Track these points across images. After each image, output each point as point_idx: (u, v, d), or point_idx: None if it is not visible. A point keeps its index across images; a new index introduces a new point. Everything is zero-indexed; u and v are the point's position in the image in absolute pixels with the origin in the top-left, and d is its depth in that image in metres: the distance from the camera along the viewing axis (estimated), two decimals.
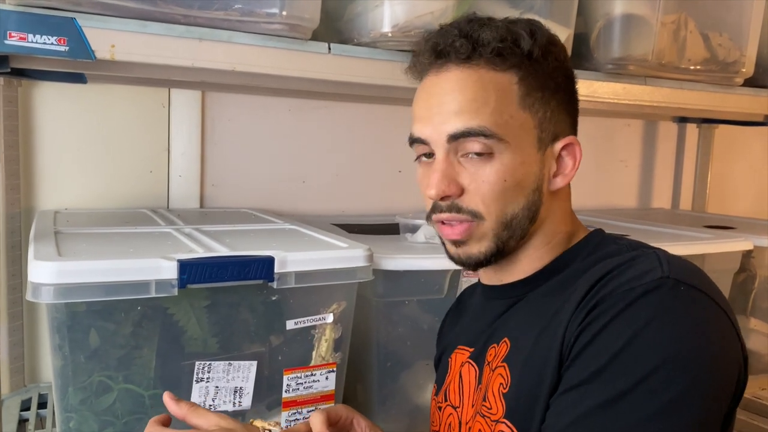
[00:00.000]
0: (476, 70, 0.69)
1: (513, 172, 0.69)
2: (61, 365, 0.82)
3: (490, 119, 0.68)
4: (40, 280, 0.77)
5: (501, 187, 0.69)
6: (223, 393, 0.90)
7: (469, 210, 0.70)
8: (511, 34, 0.69)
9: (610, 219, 1.64)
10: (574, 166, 0.73)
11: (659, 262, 0.64)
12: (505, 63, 0.69)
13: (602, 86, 1.30)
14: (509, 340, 0.72)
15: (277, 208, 1.54)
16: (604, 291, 0.62)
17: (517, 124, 0.69)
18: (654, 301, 0.60)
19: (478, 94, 0.68)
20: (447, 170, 0.70)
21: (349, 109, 1.61)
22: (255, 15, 0.96)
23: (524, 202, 0.71)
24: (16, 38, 0.81)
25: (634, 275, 0.62)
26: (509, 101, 0.69)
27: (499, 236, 0.71)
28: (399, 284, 1.06)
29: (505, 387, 0.69)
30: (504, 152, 0.69)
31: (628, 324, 0.59)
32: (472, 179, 0.70)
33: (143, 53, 0.90)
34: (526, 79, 0.69)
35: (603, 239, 0.75)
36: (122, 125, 1.39)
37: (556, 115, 0.72)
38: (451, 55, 0.70)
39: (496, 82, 0.69)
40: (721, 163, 2.17)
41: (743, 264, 1.40)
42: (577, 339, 0.62)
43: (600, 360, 0.59)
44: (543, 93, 0.70)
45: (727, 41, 1.40)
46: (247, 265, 0.87)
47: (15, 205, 1.28)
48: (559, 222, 0.75)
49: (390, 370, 1.10)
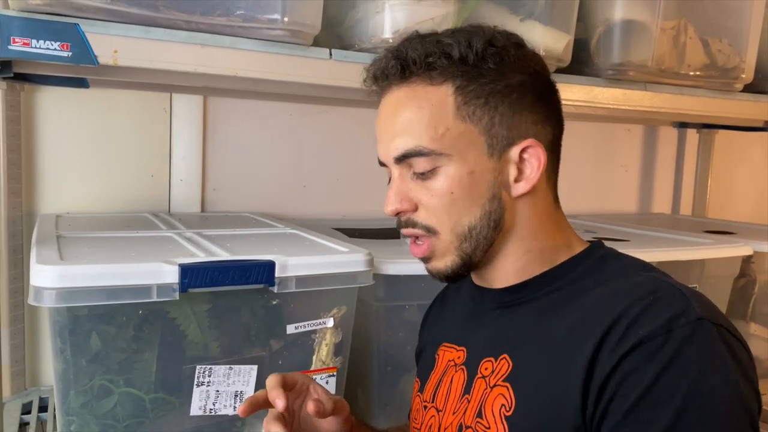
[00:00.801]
0: (413, 88, 0.70)
1: (460, 183, 0.69)
2: (63, 369, 0.82)
3: (425, 136, 0.68)
4: (42, 283, 0.77)
5: (449, 200, 0.69)
6: (224, 397, 0.90)
7: (423, 225, 0.71)
8: (441, 46, 0.69)
9: (610, 224, 1.65)
10: (538, 168, 0.70)
11: (686, 299, 0.63)
12: (440, 76, 0.69)
13: (602, 92, 1.30)
14: (510, 358, 0.70)
15: (278, 212, 1.54)
16: (639, 335, 0.60)
17: (455, 135, 0.69)
18: (700, 347, 0.59)
19: (413, 113, 0.69)
20: (400, 187, 0.73)
21: (349, 114, 1.62)
22: (257, 21, 0.96)
23: (480, 212, 0.70)
24: (19, 44, 0.82)
25: (669, 317, 0.60)
26: (445, 114, 0.68)
27: (461, 248, 0.71)
28: (399, 289, 1.06)
29: (509, 409, 0.67)
30: (447, 165, 0.69)
31: (683, 374, 0.58)
32: (423, 195, 0.71)
33: (146, 59, 0.91)
34: (465, 88, 0.68)
35: (604, 254, 0.74)
36: (124, 130, 1.39)
37: (510, 119, 0.69)
38: (389, 77, 0.71)
39: (430, 96, 0.69)
40: (721, 168, 2.17)
41: (743, 269, 1.40)
42: (619, 386, 0.60)
43: (665, 420, 0.57)
44: (486, 99, 0.69)
45: (727, 47, 1.40)
46: (248, 270, 0.87)
47: (17, 208, 1.29)
48: (535, 228, 0.73)
49: (390, 375, 1.11)
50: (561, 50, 1.21)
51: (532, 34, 1.15)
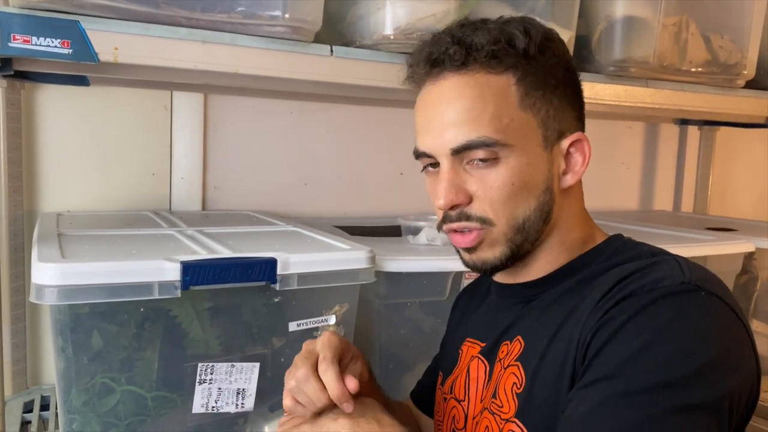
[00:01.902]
0: (472, 76, 0.68)
1: (520, 174, 0.68)
2: (64, 367, 0.82)
3: (490, 126, 0.67)
4: (44, 281, 0.77)
5: (509, 191, 0.68)
6: (226, 395, 0.90)
7: (478, 217, 0.70)
8: (505, 34, 0.68)
9: (611, 221, 1.64)
10: (583, 162, 0.72)
11: (680, 267, 0.63)
12: (501, 65, 0.68)
13: (604, 88, 1.30)
14: (523, 339, 0.71)
15: (279, 210, 1.54)
16: (624, 292, 0.61)
17: (518, 125, 0.68)
18: (675, 304, 0.59)
19: (476, 102, 0.67)
20: (453, 179, 0.69)
21: (351, 111, 1.62)
22: (258, 17, 0.96)
23: (535, 204, 0.70)
24: (20, 41, 0.82)
25: (655, 278, 0.62)
26: (508, 104, 0.68)
27: (512, 240, 0.70)
28: (401, 286, 1.06)
29: (519, 387, 0.68)
30: (509, 156, 0.68)
31: (650, 323, 0.58)
32: (479, 186, 0.69)
33: (146, 56, 0.91)
34: (525, 78, 0.68)
35: (623, 244, 0.74)
36: (125, 128, 1.39)
37: (560, 112, 0.71)
38: (446, 62, 0.69)
39: (493, 85, 0.68)
40: (722, 165, 2.17)
41: (745, 266, 1.40)
42: (594, 335, 0.61)
43: (619, 357, 0.58)
44: (544, 91, 0.69)
45: (729, 43, 1.40)
46: (250, 267, 0.87)
47: (18, 207, 1.28)
48: (573, 221, 0.74)
49: (392, 372, 1.10)
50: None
51: None
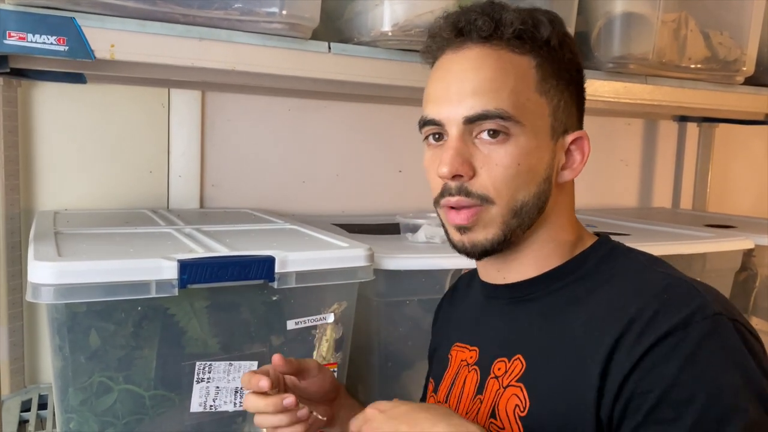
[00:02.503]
0: (496, 50, 0.68)
1: (527, 156, 0.68)
2: (62, 366, 0.82)
3: (508, 101, 0.66)
4: (40, 280, 0.76)
5: (514, 171, 0.67)
6: (224, 393, 0.89)
7: (479, 194, 0.68)
8: (533, 18, 0.68)
9: (610, 218, 1.64)
10: (582, 160, 0.72)
11: (700, 294, 0.63)
12: (524, 46, 0.68)
13: (603, 85, 1.29)
14: (524, 358, 0.69)
15: (277, 208, 1.54)
16: (657, 332, 0.60)
17: (533, 107, 0.68)
18: (719, 343, 0.59)
19: (498, 74, 0.67)
20: (461, 149, 0.68)
21: (349, 108, 1.61)
22: (255, 14, 0.96)
23: (535, 190, 0.69)
24: (15, 38, 0.81)
25: (687, 313, 0.60)
26: (527, 84, 0.68)
27: (507, 223, 0.69)
28: (400, 284, 1.06)
29: (523, 410, 0.66)
30: (520, 135, 0.67)
31: (704, 371, 0.58)
32: (485, 162, 0.68)
33: (143, 53, 0.90)
34: (543, 65, 0.69)
35: (613, 248, 0.74)
36: (122, 125, 1.39)
37: (568, 107, 0.71)
38: (472, 33, 0.68)
39: (515, 63, 0.68)
40: (721, 162, 2.17)
41: (744, 263, 1.40)
42: (639, 383, 0.59)
43: (685, 410, 0.57)
44: (558, 81, 0.70)
45: (728, 40, 1.40)
46: (248, 265, 0.87)
47: (15, 205, 1.28)
48: (564, 220, 0.74)
49: (391, 370, 1.10)
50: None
51: None
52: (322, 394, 0.79)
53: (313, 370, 0.78)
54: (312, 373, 0.78)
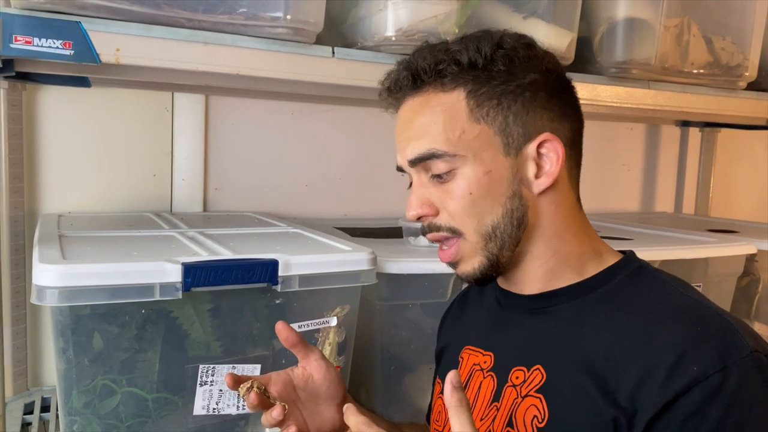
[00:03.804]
0: (425, 96, 0.72)
1: (477, 183, 0.70)
2: (65, 368, 0.82)
3: (440, 138, 0.70)
4: (45, 283, 0.77)
5: (468, 201, 0.70)
6: (227, 396, 0.89)
7: (447, 227, 0.72)
8: (450, 53, 0.70)
9: (612, 223, 1.64)
10: (557, 161, 0.70)
11: (731, 327, 0.62)
12: (451, 82, 0.70)
13: (605, 90, 1.30)
14: (544, 369, 0.69)
15: (280, 211, 1.54)
16: (695, 369, 0.59)
17: (471, 137, 0.70)
18: (758, 383, 0.59)
19: (428, 119, 0.71)
20: (420, 192, 0.73)
21: (352, 112, 1.62)
22: (259, 19, 0.96)
23: (501, 210, 0.70)
24: (21, 42, 0.82)
25: (722, 350, 0.60)
26: (458, 117, 0.70)
27: (486, 249, 0.71)
28: (402, 288, 1.06)
29: (541, 421, 0.66)
30: (464, 166, 0.70)
31: (746, 414, 0.58)
32: (442, 198, 0.72)
33: (148, 57, 0.91)
34: (476, 91, 0.70)
35: (640, 267, 0.73)
36: (126, 129, 1.39)
37: (524, 117, 0.70)
38: (402, 88, 0.74)
39: (443, 102, 0.71)
40: (723, 166, 2.17)
41: (747, 268, 1.40)
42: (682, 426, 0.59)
43: None
44: (499, 99, 0.70)
45: (731, 45, 1.40)
46: (252, 269, 0.87)
47: (18, 208, 1.28)
48: (563, 229, 0.73)
49: (394, 374, 1.10)
50: (564, 48, 1.20)
51: (535, 32, 1.14)
52: (332, 392, 0.78)
53: (315, 353, 0.78)
54: (314, 357, 0.77)
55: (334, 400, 0.78)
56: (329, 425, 0.78)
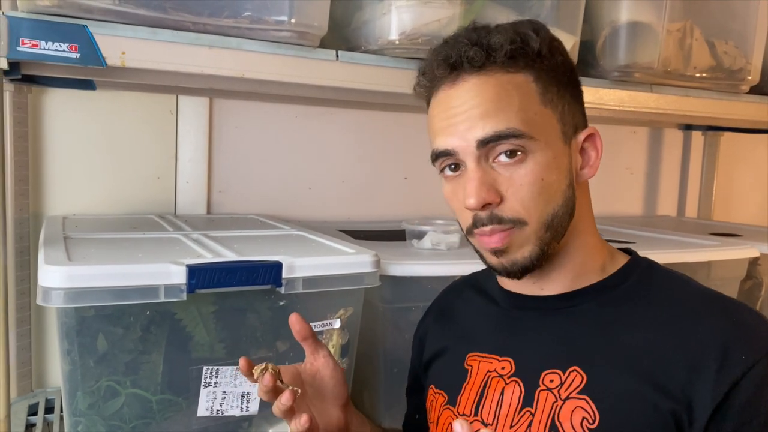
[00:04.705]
0: (492, 75, 0.68)
1: (548, 169, 0.68)
2: (70, 369, 0.83)
3: (517, 118, 0.67)
4: (51, 284, 0.77)
5: (539, 187, 0.68)
6: (231, 398, 0.90)
7: (511, 218, 0.68)
8: (520, 35, 0.69)
9: (615, 226, 1.64)
10: (597, 156, 0.73)
11: (760, 316, 0.66)
12: (518, 64, 0.69)
13: (608, 93, 1.30)
14: (582, 370, 0.68)
15: (283, 214, 1.54)
16: (744, 359, 0.62)
17: (542, 120, 0.69)
18: None
19: (501, 96, 0.67)
20: (483, 177, 0.68)
21: (355, 115, 1.62)
22: (264, 22, 0.97)
23: (562, 199, 0.70)
24: (28, 45, 0.82)
25: (763, 337, 0.64)
26: (531, 99, 0.69)
27: (541, 238, 0.69)
28: (406, 290, 1.06)
29: (592, 422, 0.65)
30: (536, 150, 0.68)
31: None
32: (509, 184, 0.68)
33: (153, 60, 0.91)
34: (541, 76, 0.69)
35: (649, 263, 0.75)
36: (130, 132, 1.40)
37: (572, 108, 0.72)
38: (465, 65, 0.68)
39: (514, 83, 0.68)
40: (726, 170, 2.17)
41: (750, 271, 1.40)
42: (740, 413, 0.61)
43: None
44: (558, 88, 0.70)
45: (733, 49, 1.40)
46: (255, 271, 0.87)
47: (24, 210, 1.29)
48: (587, 220, 0.75)
49: (396, 376, 1.10)
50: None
51: None
52: (337, 391, 0.77)
53: (324, 350, 0.77)
54: (322, 353, 0.76)
55: (338, 400, 0.78)
56: (335, 424, 0.77)
